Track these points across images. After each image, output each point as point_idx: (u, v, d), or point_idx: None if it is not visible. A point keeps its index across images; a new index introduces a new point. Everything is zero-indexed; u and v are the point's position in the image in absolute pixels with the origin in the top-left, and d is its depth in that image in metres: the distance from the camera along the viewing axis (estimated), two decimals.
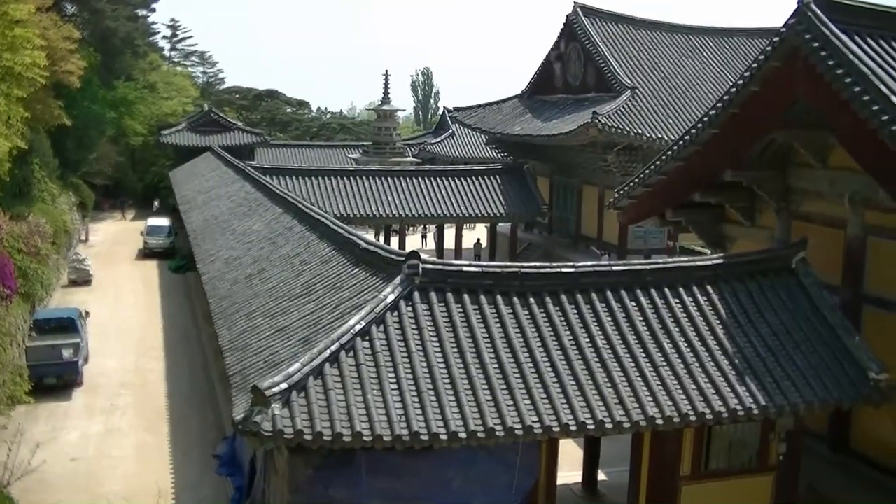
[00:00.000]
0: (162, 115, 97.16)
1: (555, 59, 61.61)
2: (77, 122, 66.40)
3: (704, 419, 20.29)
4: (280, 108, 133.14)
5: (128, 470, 29.03)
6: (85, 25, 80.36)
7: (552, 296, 21.93)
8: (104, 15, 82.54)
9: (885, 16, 25.26)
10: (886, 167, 21.97)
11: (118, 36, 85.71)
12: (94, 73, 74.83)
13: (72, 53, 56.24)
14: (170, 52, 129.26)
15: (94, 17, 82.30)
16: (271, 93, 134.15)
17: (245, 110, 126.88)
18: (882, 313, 24.78)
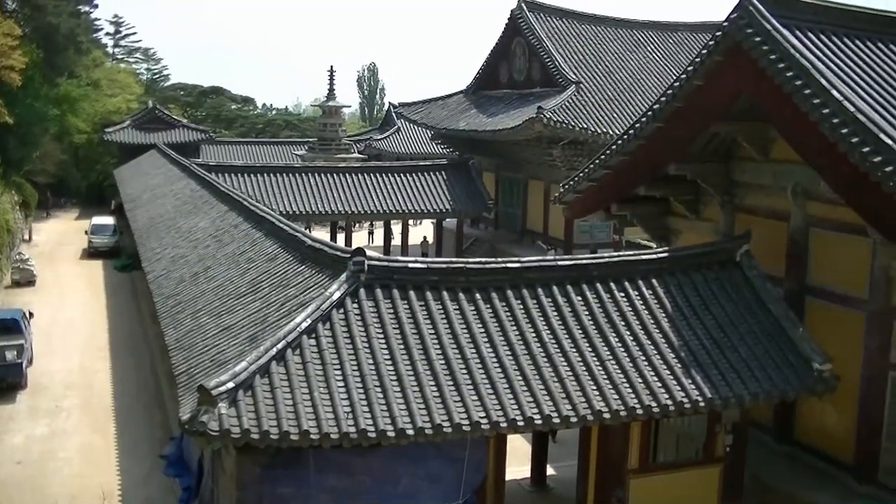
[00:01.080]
0: (106, 112, 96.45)
1: (500, 55, 61.75)
2: (19, 120, 65.80)
3: (651, 412, 20.39)
4: (225, 104, 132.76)
5: (74, 471, 28.73)
6: (27, 21, 79.62)
7: (498, 291, 21.96)
8: (46, 11, 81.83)
9: (826, 11, 25.50)
10: (827, 159, 22.18)
11: (61, 32, 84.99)
12: (36, 70, 74.03)
13: (13, 50, 55.70)
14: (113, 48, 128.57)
15: (35, 13, 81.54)
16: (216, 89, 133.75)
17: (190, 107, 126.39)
18: (825, 304, 25.02)
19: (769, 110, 24.15)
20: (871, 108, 22.07)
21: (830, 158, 21.91)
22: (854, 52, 24.75)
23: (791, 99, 22.48)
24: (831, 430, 24.61)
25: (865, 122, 21.09)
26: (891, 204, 20.37)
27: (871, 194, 20.92)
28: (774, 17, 23.85)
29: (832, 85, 22.07)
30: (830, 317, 24.75)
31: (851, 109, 21.36)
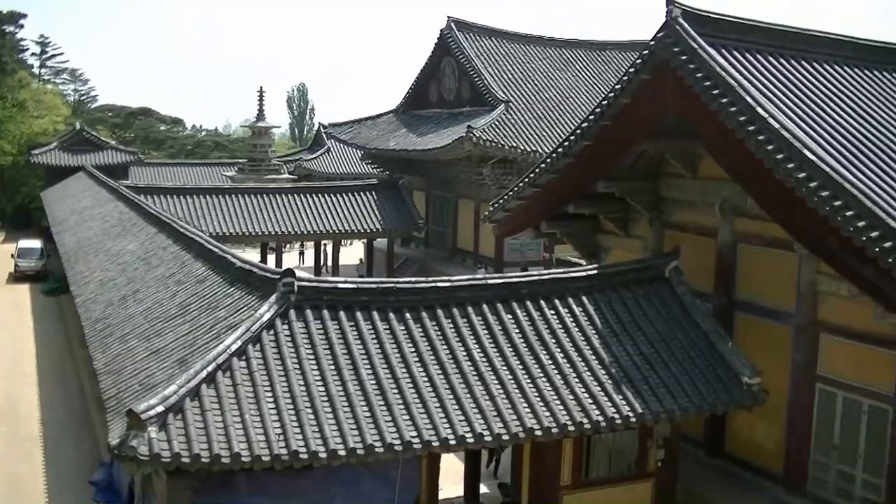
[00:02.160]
0: (32, 134, 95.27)
1: (430, 74, 61.91)
2: None
3: (582, 429, 20.47)
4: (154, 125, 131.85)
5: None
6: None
7: (428, 310, 21.99)
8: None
9: (751, 29, 25.87)
10: (753, 176, 22.47)
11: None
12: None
13: None
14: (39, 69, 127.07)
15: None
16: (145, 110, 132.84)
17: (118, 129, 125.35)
18: (753, 318, 25.36)
19: (696, 128, 24.43)
20: (795, 125, 22.44)
21: (757, 175, 22.21)
22: (778, 69, 25.13)
23: (717, 116, 22.77)
24: (761, 442, 24.90)
25: (790, 139, 21.41)
26: (816, 219, 20.67)
27: (797, 210, 21.22)
28: (701, 35, 24.16)
29: (758, 102, 22.39)
30: (759, 331, 25.07)
31: (776, 126, 21.69)
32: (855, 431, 22.83)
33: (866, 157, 22.84)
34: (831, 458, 23.41)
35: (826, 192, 20.38)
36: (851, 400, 22.90)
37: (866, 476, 22.59)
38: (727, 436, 26.08)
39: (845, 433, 23.07)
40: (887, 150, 23.58)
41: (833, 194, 20.31)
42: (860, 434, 22.73)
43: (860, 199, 20.12)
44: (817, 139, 22.38)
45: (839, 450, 23.22)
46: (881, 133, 24.28)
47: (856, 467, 22.86)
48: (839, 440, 23.21)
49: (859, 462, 22.77)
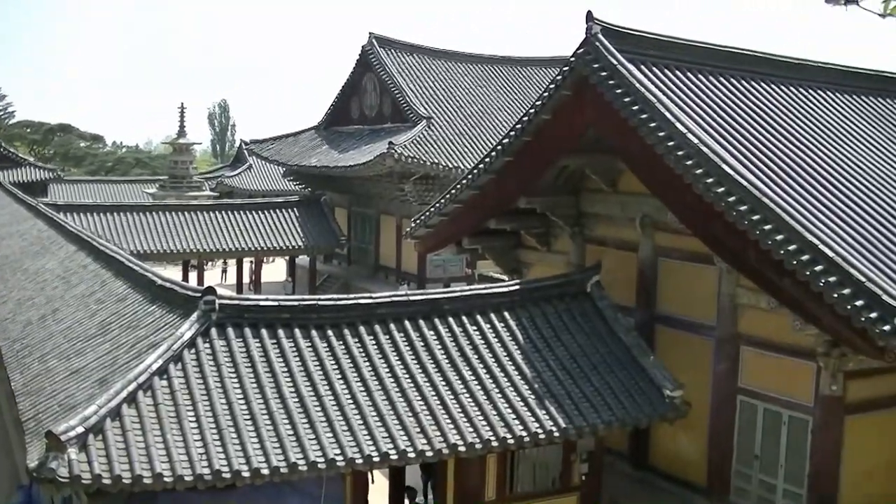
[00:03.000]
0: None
1: (351, 90, 61.80)
2: None
3: (506, 444, 20.47)
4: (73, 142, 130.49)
5: None
6: None
7: (350, 327, 21.90)
8: None
9: (670, 46, 26.15)
10: (673, 190, 22.69)
11: None
12: None
13: None
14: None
15: None
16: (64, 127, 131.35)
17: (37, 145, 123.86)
18: (674, 332, 25.59)
19: (616, 143, 24.63)
20: (714, 140, 22.70)
21: (676, 189, 22.42)
22: (697, 85, 25.43)
23: (637, 132, 22.96)
24: (684, 454, 25.08)
25: (709, 154, 21.66)
26: (735, 233, 20.90)
27: (716, 224, 21.45)
28: (620, 52, 24.37)
29: (676, 118, 22.63)
30: (680, 344, 25.28)
31: (695, 141, 21.93)
32: (776, 442, 23.07)
33: (784, 171, 23.20)
34: (753, 468, 23.64)
35: (744, 207, 20.63)
36: (772, 411, 23.16)
37: (787, 486, 22.82)
38: (651, 448, 26.24)
39: (766, 444, 23.32)
40: (804, 164, 23.97)
41: (751, 208, 20.56)
42: (781, 444, 22.97)
43: (778, 212, 20.39)
44: (735, 154, 22.66)
45: (761, 460, 23.45)
46: (798, 148, 24.68)
47: (777, 477, 23.09)
48: (761, 451, 23.44)
49: (780, 472, 23.01)
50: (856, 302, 18.71)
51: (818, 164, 24.33)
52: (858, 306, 18.63)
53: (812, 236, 19.94)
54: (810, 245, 19.69)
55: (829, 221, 21.85)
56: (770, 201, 20.69)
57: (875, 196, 24.09)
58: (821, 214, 21.99)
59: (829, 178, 23.95)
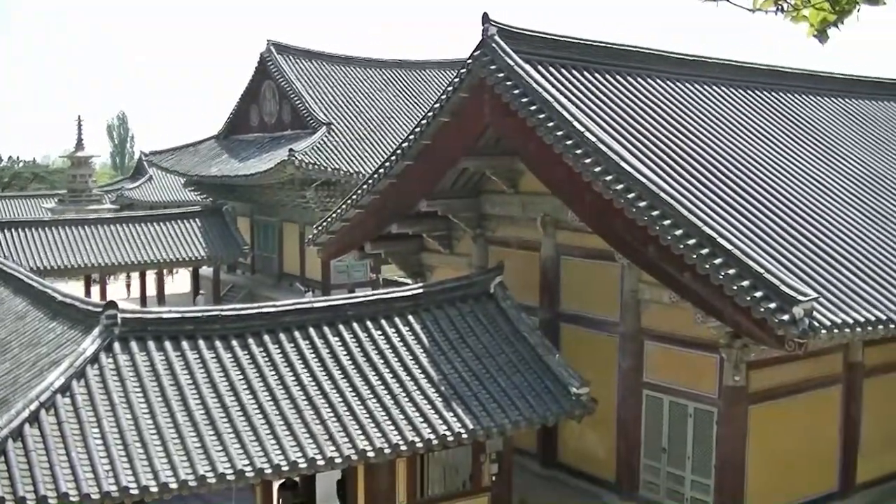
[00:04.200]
0: None
1: (250, 98, 61.28)
2: None
3: (415, 447, 20.43)
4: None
5: None
6: None
7: (255, 337, 21.72)
8: None
9: (565, 45, 26.34)
10: (572, 189, 22.82)
11: None
12: None
13: None
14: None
15: None
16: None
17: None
18: (579, 329, 25.76)
19: (515, 144, 24.73)
20: (611, 137, 22.89)
21: (576, 188, 22.57)
22: (594, 84, 25.65)
23: (535, 132, 23.05)
24: (593, 450, 25.27)
25: (607, 152, 21.83)
26: (635, 229, 21.08)
27: (617, 220, 21.62)
28: (516, 52, 24.47)
29: (574, 117, 22.78)
30: (585, 341, 25.46)
31: (593, 140, 22.08)
32: (682, 434, 23.34)
33: (681, 166, 23.51)
34: (661, 461, 23.88)
35: (643, 203, 20.82)
36: (677, 404, 23.42)
37: (696, 477, 23.10)
38: (560, 446, 26.41)
39: (673, 437, 23.57)
40: (701, 159, 24.30)
41: (650, 204, 20.76)
42: (687, 437, 23.24)
43: (676, 207, 20.61)
44: (633, 151, 22.91)
45: (668, 453, 23.71)
46: (695, 143, 25.02)
47: (685, 469, 23.35)
48: (668, 444, 23.70)
49: (688, 464, 23.27)
50: (755, 293, 18.95)
51: (715, 159, 24.69)
52: (758, 297, 18.88)
53: (710, 230, 20.19)
54: (709, 238, 19.92)
55: (727, 215, 22.20)
56: (668, 196, 20.91)
57: (771, 189, 24.52)
58: (719, 208, 22.32)
59: (727, 172, 24.32)
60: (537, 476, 26.19)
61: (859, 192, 26.97)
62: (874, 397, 24.35)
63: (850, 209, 25.66)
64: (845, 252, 23.10)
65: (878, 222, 25.60)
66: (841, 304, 20.61)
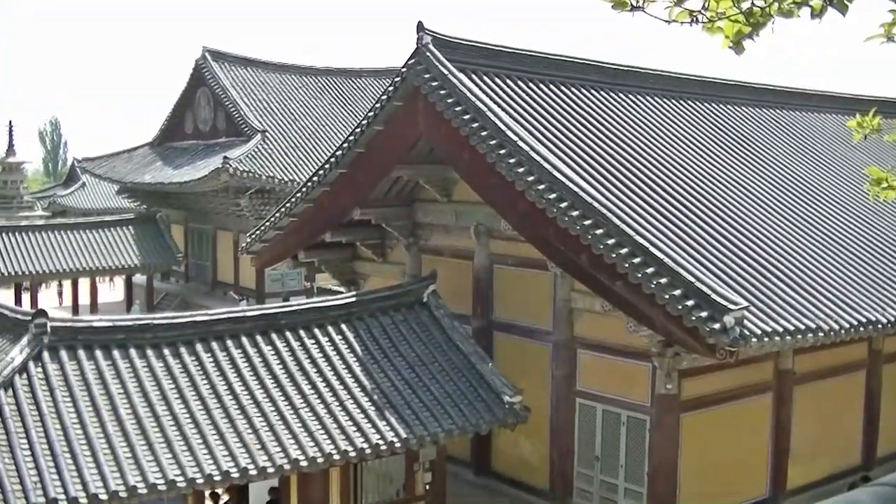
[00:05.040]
0: None
1: (185, 105, 60.87)
2: None
3: (348, 457, 20.36)
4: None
5: None
6: None
7: (187, 345, 21.53)
8: None
9: (499, 55, 26.42)
10: (506, 198, 22.88)
11: None
12: None
13: None
14: None
15: None
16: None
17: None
18: (512, 338, 25.83)
19: (449, 153, 24.76)
20: (545, 147, 23.00)
21: (509, 197, 22.62)
22: (528, 93, 25.74)
23: (469, 141, 23.09)
24: (527, 458, 25.34)
25: (540, 161, 21.91)
26: (568, 238, 21.16)
27: (549, 229, 21.71)
28: (451, 61, 24.50)
29: (508, 126, 22.82)
30: (518, 350, 25.54)
31: (526, 149, 22.15)
32: (615, 442, 23.47)
33: (614, 176, 23.65)
34: (595, 469, 23.99)
35: (576, 212, 20.92)
36: (611, 412, 23.55)
37: (628, 484, 23.24)
38: (493, 454, 26.44)
39: (606, 445, 23.69)
40: (634, 169, 24.46)
41: (583, 213, 20.86)
42: (620, 445, 23.38)
43: (609, 217, 20.73)
44: (566, 160, 23.00)
45: (601, 461, 23.82)
46: (628, 153, 25.18)
47: (618, 477, 23.48)
48: (601, 452, 23.82)
49: (621, 472, 23.39)
50: (686, 302, 19.10)
51: (648, 169, 24.86)
52: (689, 306, 19.02)
53: (643, 239, 20.31)
54: (641, 248, 20.04)
55: (660, 224, 22.35)
56: (601, 206, 21.03)
57: (704, 198, 24.75)
58: (651, 217, 22.46)
59: (659, 182, 24.50)
60: (471, 484, 26.18)
61: (789, 202, 27.30)
62: (804, 404, 24.64)
63: (781, 218, 25.97)
64: (776, 261, 23.36)
65: (807, 231, 25.92)
66: (771, 312, 20.82)
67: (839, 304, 22.56)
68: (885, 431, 26.81)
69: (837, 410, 25.82)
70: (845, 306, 22.54)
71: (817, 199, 28.44)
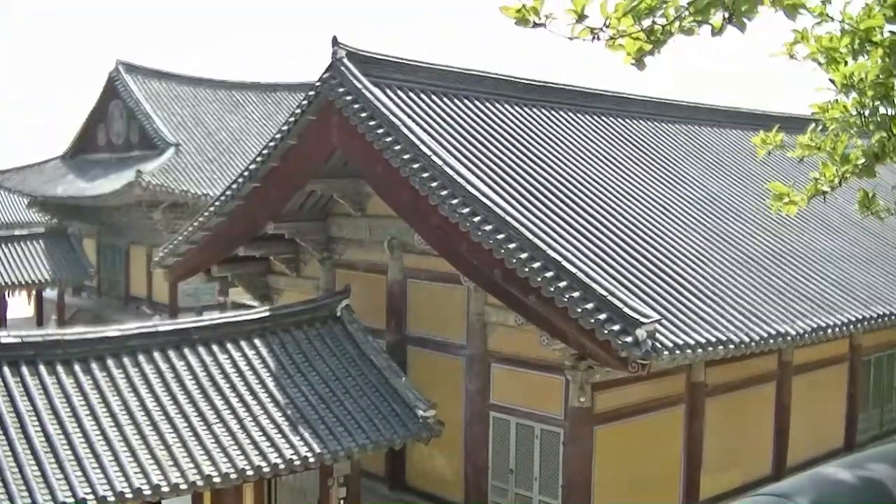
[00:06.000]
0: None
1: (98, 118, 60.28)
2: None
3: (261, 472, 20.27)
4: None
5: None
6: None
7: (98, 361, 21.28)
8: None
9: (415, 69, 26.50)
10: (419, 212, 22.92)
11: None
12: None
13: None
14: None
15: None
16: None
17: None
18: (426, 352, 25.83)
19: (363, 167, 24.76)
20: (458, 161, 23.07)
21: (422, 211, 22.66)
22: (441, 108, 25.83)
23: (382, 155, 23.10)
24: (441, 473, 25.35)
25: (454, 175, 21.96)
26: (481, 252, 21.24)
27: (463, 244, 21.75)
28: (365, 76, 24.50)
29: (421, 140, 22.86)
30: (432, 364, 25.55)
31: (440, 163, 22.20)
32: (529, 456, 23.53)
33: (527, 190, 23.80)
34: (509, 482, 24.03)
35: (489, 226, 20.99)
36: (524, 426, 23.62)
37: (543, 497, 23.30)
38: (408, 469, 26.41)
39: (521, 458, 23.75)
40: (547, 183, 24.64)
41: (496, 228, 20.94)
42: (534, 458, 23.44)
43: (522, 231, 20.83)
44: (480, 175, 23.10)
45: (516, 474, 23.87)
46: (541, 167, 25.35)
47: (532, 490, 23.55)
48: (515, 465, 23.86)
49: (535, 485, 23.46)
50: (599, 315, 19.22)
51: (561, 184, 25.06)
52: (602, 319, 19.15)
53: (555, 253, 20.42)
54: (554, 262, 20.15)
55: (573, 238, 22.54)
56: (514, 220, 21.13)
57: (616, 213, 25.00)
58: (564, 232, 22.64)
59: (573, 196, 24.70)
60: (385, 499, 26.16)
61: (701, 216, 27.67)
62: (716, 416, 24.94)
63: (693, 233, 26.30)
64: (688, 275, 23.65)
65: (718, 245, 26.28)
66: (683, 325, 21.06)
67: (749, 316, 22.90)
68: (794, 442, 27.22)
69: (749, 421, 26.17)
70: (756, 319, 22.89)
71: (727, 213, 28.86)
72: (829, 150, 7.53)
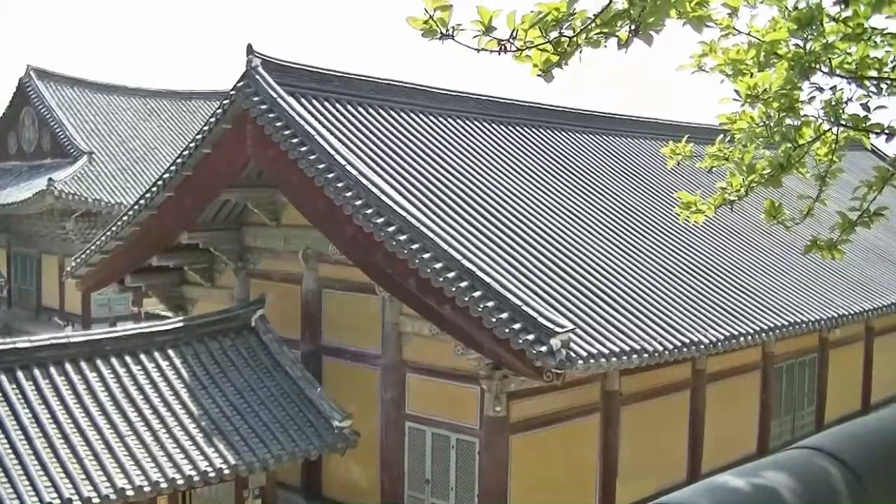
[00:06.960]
0: None
1: (9, 124, 59.28)
2: None
3: (176, 485, 20.07)
4: None
5: None
6: None
7: (7, 373, 20.93)
8: None
9: (330, 78, 26.45)
10: (333, 222, 22.86)
11: None
12: None
13: None
14: None
15: None
16: None
17: None
18: (341, 362, 25.76)
19: (277, 176, 24.65)
20: (373, 171, 23.07)
21: (336, 221, 22.61)
22: (356, 117, 25.81)
23: (297, 164, 23.01)
24: (357, 483, 25.27)
25: (368, 185, 21.95)
26: (395, 262, 21.23)
27: (377, 254, 21.74)
28: (281, 84, 24.40)
29: (336, 150, 22.82)
30: (348, 374, 25.49)
31: (354, 173, 22.16)
32: (445, 465, 23.55)
33: (442, 201, 23.84)
34: (425, 492, 24.02)
35: (404, 236, 21.01)
36: (440, 435, 23.62)
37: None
38: (324, 479, 26.28)
39: (437, 467, 23.76)
40: (462, 193, 24.71)
41: (411, 237, 20.95)
42: (450, 468, 23.46)
43: (436, 241, 20.87)
44: (394, 184, 23.12)
45: (432, 484, 23.87)
46: (457, 178, 25.43)
47: (449, 500, 23.56)
48: (431, 475, 23.86)
49: (451, 495, 23.47)
50: (513, 325, 19.29)
51: (477, 194, 25.14)
52: (516, 329, 19.22)
53: (470, 263, 20.48)
54: (468, 272, 20.21)
55: (488, 248, 22.60)
56: (429, 230, 21.17)
57: (532, 223, 25.12)
58: (479, 242, 22.71)
59: (488, 206, 24.78)
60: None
61: (616, 227, 27.90)
62: (631, 424, 25.12)
63: (608, 243, 26.50)
64: (602, 284, 23.82)
65: (633, 255, 26.51)
66: (597, 334, 21.20)
67: (664, 325, 23.11)
68: (708, 449, 27.50)
69: (663, 429, 26.42)
70: (670, 328, 23.10)
71: (642, 223, 29.12)
72: (737, 161, 7.62)
